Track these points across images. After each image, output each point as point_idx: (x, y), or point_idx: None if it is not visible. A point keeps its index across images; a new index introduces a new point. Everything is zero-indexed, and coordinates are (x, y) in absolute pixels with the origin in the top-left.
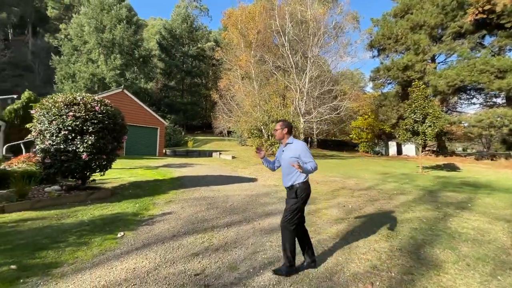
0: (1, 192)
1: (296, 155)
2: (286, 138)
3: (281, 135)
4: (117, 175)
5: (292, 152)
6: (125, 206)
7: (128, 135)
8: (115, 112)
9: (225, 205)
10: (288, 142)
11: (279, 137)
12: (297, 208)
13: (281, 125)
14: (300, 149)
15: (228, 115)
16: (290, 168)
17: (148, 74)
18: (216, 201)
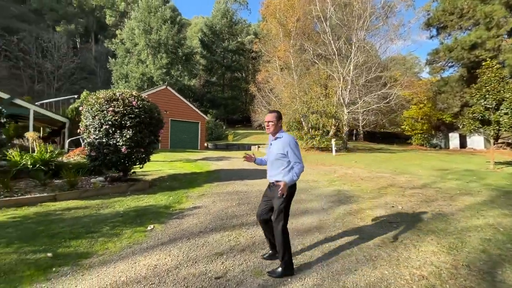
0: (57, 182)
1: (284, 152)
2: (278, 131)
3: (276, 129)
4: (159, 168)
5: (280, 147)
6: (159, 198)
7: (172, 129)
8: (152, 107)
9: (257, 201)
10: (278, 136)
11: (274, 130)
12: (285, 208)
13: (276, 117)
14: (288, 145)
15: (266, 108)
16: (276, 164)
17: (191, 71)
18: (249, 196)
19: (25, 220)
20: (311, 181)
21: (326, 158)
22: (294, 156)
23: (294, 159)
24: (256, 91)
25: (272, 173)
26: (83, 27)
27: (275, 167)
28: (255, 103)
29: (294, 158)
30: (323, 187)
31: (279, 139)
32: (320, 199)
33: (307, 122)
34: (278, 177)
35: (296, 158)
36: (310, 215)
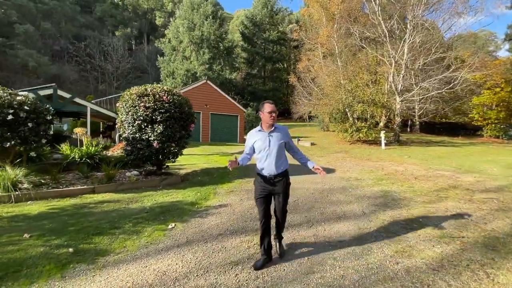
0: (98, 174)
1: (285, 140)
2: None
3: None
4: (195, 161)
5: (280, 137)
6: (187, 194)
7: (212, 122)
8: (182, 101)
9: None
10: (276, 127)
11: (274, 122)
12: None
13: (275, 108)
14: (288, 133)
15: (307, 98)
16: (280, 154)
17: (232, 64)
18: None
19: (61, 212)
20: (353, 179)
21: (373, 153)
22: (293, 142)
23: (293, 145)
24: (296, 81)
25: (278, 165)
26: (137, 29)
27: (279, 157)
28: (295, 94)
29: (293, 143)
30: (366, 187)
31: (276, 129)
32: (361, 201)
33: (352, 113)
34: (283, 166)
35: (297, 147)
36: (346, 221)
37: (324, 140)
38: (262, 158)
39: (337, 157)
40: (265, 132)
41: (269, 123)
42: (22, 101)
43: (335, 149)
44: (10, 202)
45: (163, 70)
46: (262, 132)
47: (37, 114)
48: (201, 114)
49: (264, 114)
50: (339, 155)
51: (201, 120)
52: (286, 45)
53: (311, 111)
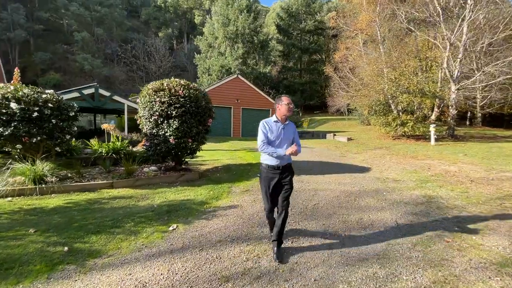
0: (120, 169)
1: (293, 135)
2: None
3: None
4: (219, 157)
5: (291, 131)
6: (200, 192)
7: (243, 117)
8: (199, 95)
9: (307, 204)
10: (289, 121)
11: (290, 113)
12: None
13: (290, 100)
14: (295, 129)
15: (345, 90)
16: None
17: (267, 58)
18: (298, 197)
19: (74, 206)
20: (390, 180)
21: (420, 149)
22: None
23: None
24: (332, 72)
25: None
26: (178, 29)
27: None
28: (332, 86)
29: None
30: (405, 190)
31: (290, 124)
32: (396, 208)
33: (396, 105)
34: (289, 160)
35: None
36: (373, 234)
37: (363, 135)
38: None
39: (375, 154)
40: (280, 124)
41: (286, 114)
42: (47, 99)
43: (374, 144)
44: (35, 194)
45: (200, 67)
46: (278, 123)
47: (60, 111)
48: (232, 109)
49: (282, 106)
50: (379, 151)
51: (232, 115)
52: (324, 35)
53: (350, 104)
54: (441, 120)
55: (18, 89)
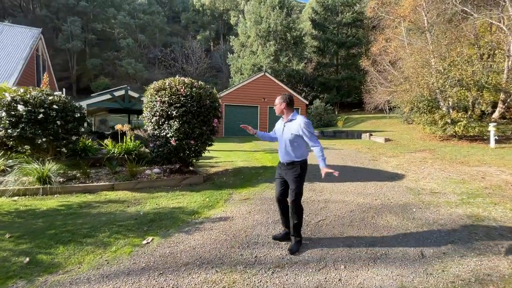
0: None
1: (298, 133)
2: (288, 113)
3: (280, 110)
4: (234, 158)
5: (294, 129)
6: (196, 198)
7: (270, 117)
8: (202, 94)
9: (310, 220)
10: (292, 119)
11: (280, 113)
12: (300, 185)
13: (279, 99)
14: (303, 126)
15: (384, 85)
16: (293, 146)
17: (301, 54)
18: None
19: (64, 210)
20: (426, 191)
21: (473, 153)
22: (312, 139)
23: (311, 142)
24: (369, 65)
25: (286, 155)
26: (215, 31)
27: (287, 147)
28: (369, 81)
29: (312, 141)
30: (444, 206)
31: (293, 121)
32: (426, 231)
33: (445, 100)
34: (291, 157)
35: (313, 140)
36: (385, 268)
37: (405, 135)
38: (278, 144)
39: (414, 158)
40: (283, 122)
41: (278, 113)
42: (54, 100)
43: (416, 146)
44: (40, 195)
45: (232, 66)
46: (282, 121)
47: (66, 113)
48: (258, 108)
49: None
50: (419, 155)
51: (259, 114)
52: (363, 27)
53: (390, 100)
54: (506, 118)
55: (27, 91)
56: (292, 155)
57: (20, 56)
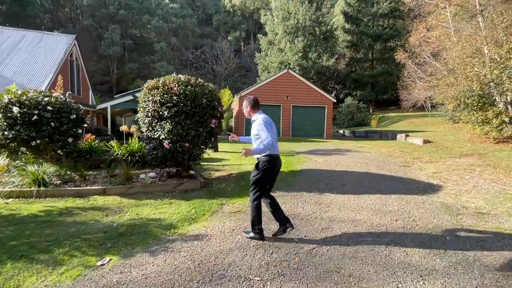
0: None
1: (255, 132)
2: (254, 115)
3: (248, 114)
4: (244, 161)
5: (254, 129)
6: (182, 208)
7: (294, 116)
8: (198, 92)
9: (302, 247)
10: (254, 119)
11: (248, 116)
12: (257, 180)
13: (244, 104)
14: (256, 126)
15: (423, 80)
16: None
17: (331, 50)
18: (296, 230)
19: (43, 216)
20: (470, 210)
21: None
22: (260, 136)
23: (261, 137)
24: (406, 58)
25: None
26: (245, 31)
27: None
28: (405, 76)
29: (261, 137)
30: (494, 235)
31: (255, 120)
32: (462, 276)
33: (502, 94)
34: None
35: (263, 136)
36: None
37: (449, 136)
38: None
39: (457, 165)
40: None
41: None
42: (49, 102)
43: (462, 150)
44: (33, 197)
45: (260, 65)
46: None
47: (60, 114)
48: (281, 107)
49: None
50: (464, 160)
51: (281, 114)
52: (403, 17)
53: (431, 97)
54: None
55: (24, 93)
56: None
57: (54, 61)
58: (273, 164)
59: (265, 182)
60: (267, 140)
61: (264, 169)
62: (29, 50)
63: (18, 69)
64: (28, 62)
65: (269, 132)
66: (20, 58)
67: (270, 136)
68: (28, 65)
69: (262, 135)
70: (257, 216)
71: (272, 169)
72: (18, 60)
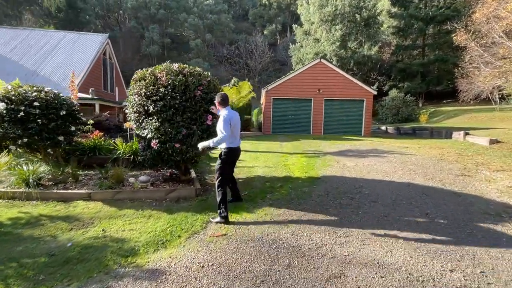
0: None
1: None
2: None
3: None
4: (258, 163)
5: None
6: (157, 225)
7: (326, 111)
8: (191, 83)
9: None
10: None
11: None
12: (219, 168)
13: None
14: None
15: (492, 65)
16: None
17: (374, 37)
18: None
19: (6, 225)
20: None
21: None
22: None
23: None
24: (468, 40)
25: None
26: (281, 24)
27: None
28: (466, 61)
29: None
30: None
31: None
32: None
33: None
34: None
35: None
36: None
37: None
38: None
39: None
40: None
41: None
42: (37, 97)
43: None
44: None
45: (294, 57)
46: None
47: (48, 110)
48: (312, 101)
49: None
50: None
51: (312, 109)
52: None
53: (501, 86)
54: None
55: (13, 88)
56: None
57: (87, 59)
58: (231, 154)
59: (227, 170)
60: (222, 135)
61: (223, 159)
62: (67, 50)
63: (56, 68)
64: (65, 62)
65: (226, 128)
66: (58, 58)
67: (226, 131)
68: (64, 64)
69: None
70: (223, 201)
71: (231, 158)
72: (56, 59)
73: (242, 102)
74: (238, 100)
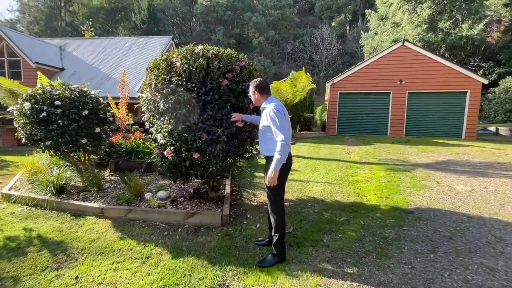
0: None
1: (266, 124)
2: (263, 101)
3: (256, 101)
4: (315, 176)
5: (263, 119)
6: (147, 280)
7: (410, 106)
8: (211, 68)
9: None
10: (264, 107)
11: (256, 103)
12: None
13: (252, 90)
14: (269, 114)
15: None
16: (264, 137)
17: (477, 12)
18: None
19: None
20: None
21: None
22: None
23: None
24: None
25: (262, 147)
26: (351, 13)
27: (264, 140)
28: None
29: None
30: None
31: (264, 109)
32: None
33: None
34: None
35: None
36: None
37: None
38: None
39: None
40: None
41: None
42: (60, 95)
43: None
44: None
45: (366, 47)
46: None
47: (69, 110)
48: (390, 95)
49: None
50: None
51: (391, 104)
52: None
53: None
54: None
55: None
56: (267, 149)
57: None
58: (288, 164)
59: (283, 185)
60: (283, 143)
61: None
62: (137, 53)
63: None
64: (133, 64)
65: (283, 125)
66: (128, 61)
67: (284, 131)
68: (133, 66)
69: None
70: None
71: (287, 170)
72: (126, 63)
73: (299, 96)
74: (293, 94)
